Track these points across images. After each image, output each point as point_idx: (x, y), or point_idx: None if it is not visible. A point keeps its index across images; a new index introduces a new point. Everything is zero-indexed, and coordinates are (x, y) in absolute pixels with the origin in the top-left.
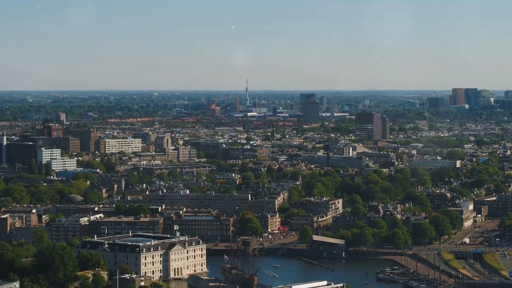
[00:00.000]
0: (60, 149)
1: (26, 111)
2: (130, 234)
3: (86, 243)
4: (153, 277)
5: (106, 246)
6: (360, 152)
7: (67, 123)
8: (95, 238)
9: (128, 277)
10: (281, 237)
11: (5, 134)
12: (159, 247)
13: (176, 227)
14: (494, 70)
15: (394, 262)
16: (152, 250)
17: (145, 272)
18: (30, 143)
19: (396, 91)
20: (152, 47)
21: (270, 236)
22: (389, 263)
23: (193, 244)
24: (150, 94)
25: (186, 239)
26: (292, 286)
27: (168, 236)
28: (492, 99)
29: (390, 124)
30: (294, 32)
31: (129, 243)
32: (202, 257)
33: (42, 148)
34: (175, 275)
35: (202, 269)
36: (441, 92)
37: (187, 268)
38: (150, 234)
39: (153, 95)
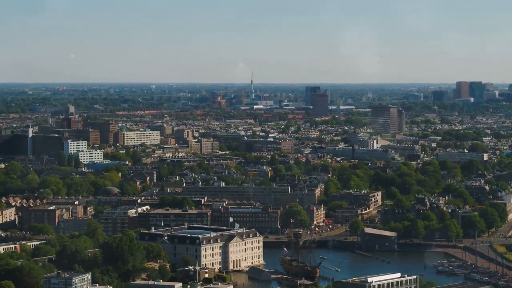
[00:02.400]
0: (86, 141)
1: (31, 103)
2: (186, 226)
3: (144, 235)
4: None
5: (165, 238)
6: (384, 145)
7: (76, 115)
8: (153, 230)
9: (192, 269)
10: (328, 229)
11: (31, 126)
12: (218, 239)
13: (231, 219)
14: (492, 63)
15: (447, 254)
16: (212, 242)
17: (205, 264)
18: (56, 135)
19: (394, 84)
20: (145, 40)
21: (317, 229)
22: (442, 256)
23: (251, 236)
24: (147, 87)
25: (244, 231)
26: (368, 278)
27: (224, 228)
28: (496, 93)
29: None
30: (291, 25)
31: (188, 235)
32: (259, 249)
33: (69, 140)
34: (233, 267)
35: (259, 261)
36: (438, 85)
37: (245, 260)
38: (206, 226)
39: (151, 87)
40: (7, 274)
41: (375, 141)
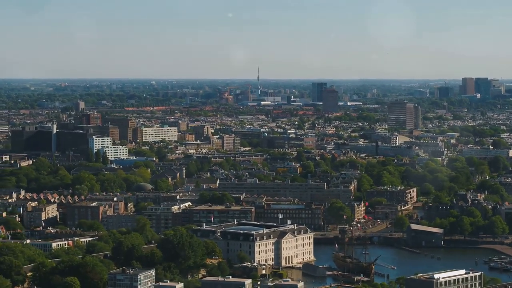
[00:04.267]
0: (111, 138)
1: (38, 99)
2: (236, 223)
3: (196, 231)
4: None
5: (218, 234)
6: (407, 142)
7: (86, 111)
8: (204, 227)
9: (249, 266)
10: (370, 225)
11: (54, 122)
12: (271, 235)
13: (280, 215)
14: (491, 60)
15: (494, 251)
16: (265, 238)
17: (259, 261)
18: (80, 131)
19: (393, 80)
20: (143, 35)
21: (359, 225)
22: (490, 252)
23: (302, 232)
24: (148, 83)
25: (295, 227)
26: (434, 274)
27: (274, 224)
28: (502, 89)
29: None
30: (291, 22)
31: (241, 232)
32: (310, 245)
33: (93, 137)
34: (286, 263)
35: (310, 257)
36: (444, 81)
37: (297, 256)
38: (256, 223)
39: (152, 83)
40: (70, 271)
41: (397, 137)
